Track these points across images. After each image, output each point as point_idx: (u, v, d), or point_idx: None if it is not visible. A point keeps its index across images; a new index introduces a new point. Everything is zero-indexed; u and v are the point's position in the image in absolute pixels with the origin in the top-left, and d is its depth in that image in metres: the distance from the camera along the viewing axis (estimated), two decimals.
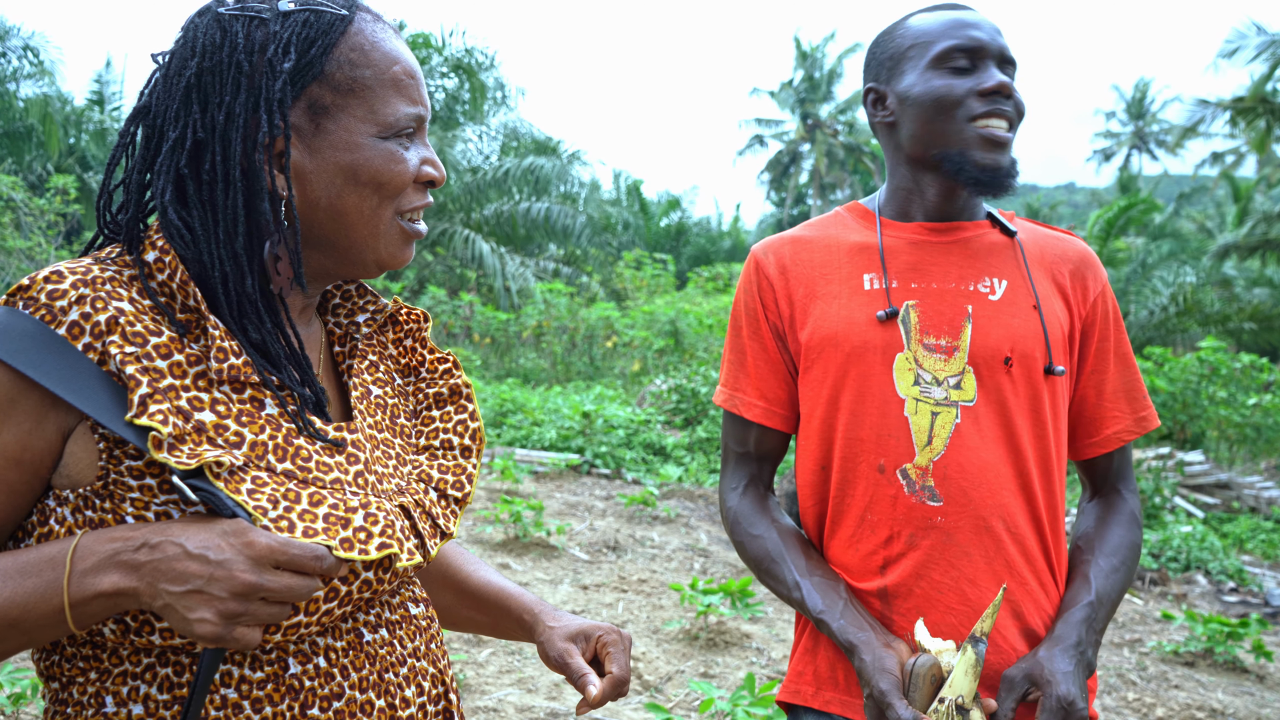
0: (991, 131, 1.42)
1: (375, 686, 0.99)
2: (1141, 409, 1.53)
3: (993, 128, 1.42)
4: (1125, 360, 1.54)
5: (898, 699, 1.24)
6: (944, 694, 1.24)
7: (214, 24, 0.95)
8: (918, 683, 1.26)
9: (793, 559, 1.46)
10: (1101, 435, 1.53)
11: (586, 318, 15.75)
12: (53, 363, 0.85)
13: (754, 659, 4.48)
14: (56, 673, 0.94)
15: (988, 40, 1.43)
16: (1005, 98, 1.42)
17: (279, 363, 0.97)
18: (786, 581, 1.45)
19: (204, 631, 0.81)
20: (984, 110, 1.42)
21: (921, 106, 1.45)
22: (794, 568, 1.45)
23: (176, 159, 0.94)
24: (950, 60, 1.44)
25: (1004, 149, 1.43)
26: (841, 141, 43.68)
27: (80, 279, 0.89)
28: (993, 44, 1.44)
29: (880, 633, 1.36)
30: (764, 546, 1.49)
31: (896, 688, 1.26)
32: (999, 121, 1.42)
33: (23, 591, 0.82)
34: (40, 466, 0.88)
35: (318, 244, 1.00)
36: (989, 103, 1.42)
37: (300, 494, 0.92)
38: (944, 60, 1.44)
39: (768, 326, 1.54)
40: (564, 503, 7.28)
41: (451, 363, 1.21)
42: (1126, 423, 1.52)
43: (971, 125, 1.42)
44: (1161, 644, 5.28)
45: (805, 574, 1.44)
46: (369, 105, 0.97)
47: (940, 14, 1.48)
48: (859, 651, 1.33)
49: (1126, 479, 1.56)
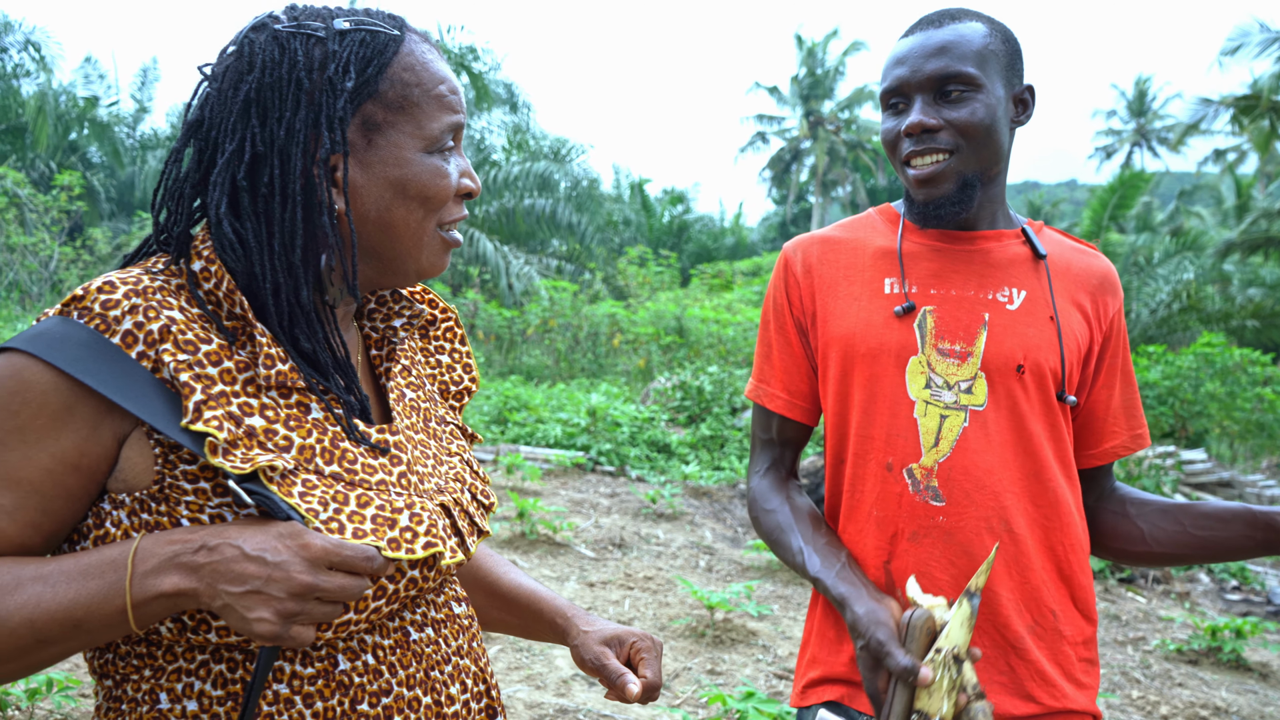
0: (916, 172, 1.46)
1: (422, 684, 1.02)
2: (1138, 426, 1.60)
3: (918, 168, 1.46)
4: (1128, 377, 1.60)
5: (896, 648, 1.27)
6: (940, 644, 1.26)
7: (272, 41, 0.98)
8: (914, 634, 1.28)
9: (800, 528, 1.52)
10: (1100, 449, 1.58)
11: (590, 314, 15.77)
12: (108, 371, 0.88)
13: (760, 656, 4.51)
14: (110, 670, 0.97)
15: (909, 76, 1.45)
16: (929, 133, 1.44)
17: (325, 369, 1.00)
18: (792, 548, 1.50)
19: (263, 630, 0.84)
20: (910, 150, 1.46)
21: (884, 147, 1.53)
22: (800, 535, 1.51)
23: (233, 171, 0.96)
24: (888, 102, 1.50)
25: (934, 183, 1.45)
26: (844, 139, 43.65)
27: (132, 289, 0.92)
28: (915, 78, 1.44)
29: (872, 590, 1.39)
30: (776, 520, 1.55)
31: (893, 638, 1.29)
32: (924, 159, 1.45)
33: (86, 593, 0.85)
34: (96, 471, 0.91)
35: (365, 254, 1.03)
36: (912, 142, 1.45)
37: (348, 496, 0.95)
38: (885, 103, 1.51)
39: (792, 322, 1.59)
40: (569, 500, 7.31)
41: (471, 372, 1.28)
42: (1124, 438, 1.58)
43: (907, 167, 1.48)
44: (1165, 642, 5.31)
45: (809, 540, 1.50)
46: (417, 122, 1.01)
47: (897, 45, 1.51)
48: (851, 604, 1.36)
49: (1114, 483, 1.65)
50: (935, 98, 1.44)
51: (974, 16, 1.49)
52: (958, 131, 1.43)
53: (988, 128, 1.44)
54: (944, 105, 1.44)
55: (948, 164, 1.44)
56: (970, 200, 1.48)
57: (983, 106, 1.43)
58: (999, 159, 1.48)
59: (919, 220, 1.53)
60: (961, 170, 1.45)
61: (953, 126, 1.43)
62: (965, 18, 1.48)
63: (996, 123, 1.45)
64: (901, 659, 1.25)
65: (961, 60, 1.43)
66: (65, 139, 21.17)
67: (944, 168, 1.44)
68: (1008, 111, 1.48)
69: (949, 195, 1.46)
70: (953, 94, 1.43)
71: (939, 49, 1.44)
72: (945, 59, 1.43)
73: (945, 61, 1.43)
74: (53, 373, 0.87)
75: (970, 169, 1.46)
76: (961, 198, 1.47)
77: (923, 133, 1.44)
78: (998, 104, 1.45)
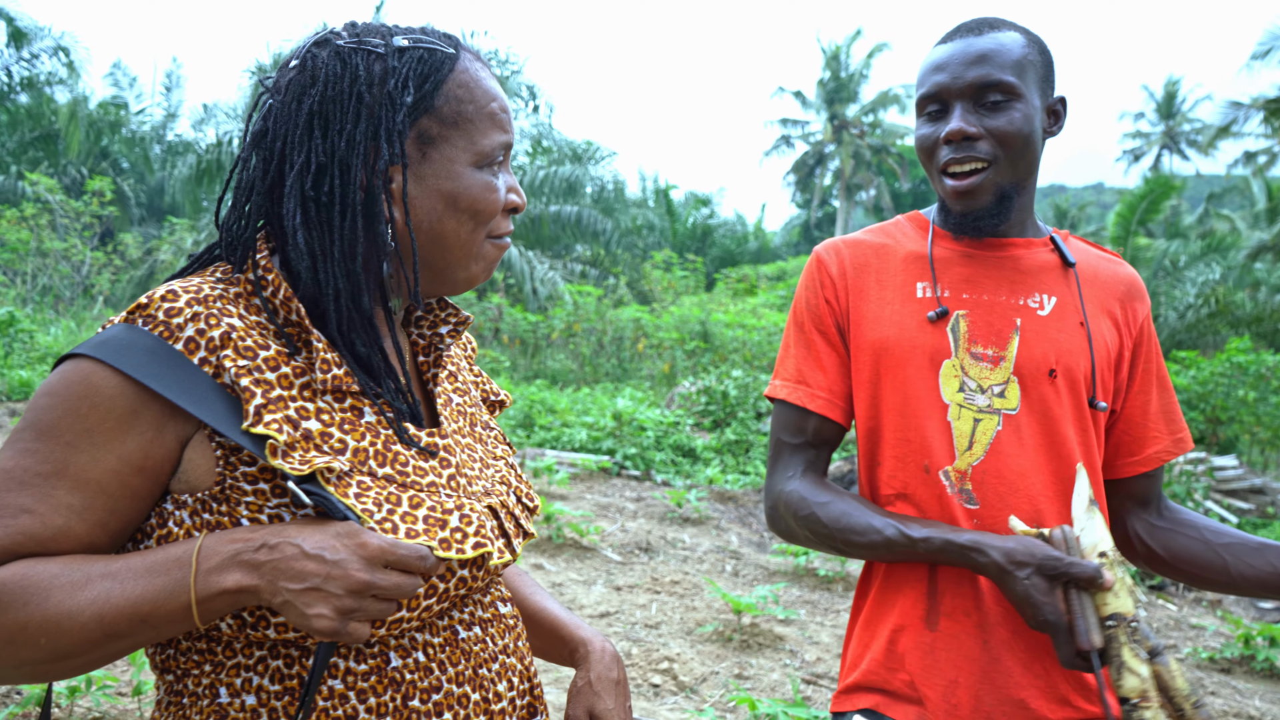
0: (953, 184, 1.47)
1: (470, 681, 1.04)
2: (1179, 430, 1.60)
3: (955, 177, 1.46)
4: (1164, 383, 1.61)
5: (1075, 558, 1.28)
6: (1101, 549, 1.28)
7: (334, 56, 1.01)
8: (1074, 547, 1.30)
9: (871, 509, 1.48)
10: (1143, 454, 1.59)
11: (615, 319, 15.80)
12: (172, 376, 0.91)
13: (788, 660, 4.51)
14: (172, 665, 1.00)
15: (949, 82, 1.45)
16: (968, 141, 1.44)
17: (378, 374, 1.04)
18: (874, 525, 1.44)
19: (321, 626, 0.87)
20: (948, 158, 1.46)
21: (917, 153, 1.53)
22: (876, 514, 1.46)
23: (303, 183, 1.00)
24: (925, 109, 1.50)
25: (973, 196, 1.46)
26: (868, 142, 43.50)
27: (194, 297, 0.95)
28: (955, 85, 1.45)
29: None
30: (839, 507, 1.49)
31: (1063, 554, 1.29)
32: (962, 168, 1.45)
33: (153, 589, 0.88)
34: (160, 473, 0.94)
35: (418, 264, 1.06)
36: (951, 149, 1.45)
37: (401, 497, 0.98)
38: (921, 109, 1.51)
39: (831, 320, 1.59)
40: (595, 504, 7.34)
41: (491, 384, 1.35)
42: (1165, 443, 1.59)
43: (943, 176, 1.48)
44: (1197, 650, 5.27)
45: (890, 515, 1.46)
46: (470, 137, 1.04)
47: (934, 51, 1.51)
48: (992, 542, 1.34)
49: (1161, 495, 1.64)
50: (974, 105, 1.45)
51: (1011, 26, 1.49)
52: (996, 141, 1.44)
53: (1025, 137, 1.44)
54: (983, 113, 1.44)
55: (985, 176, 1.45)
56: (1008, 212, 1.49)
57: (1021, 115, 1.44)
58: (1033, 169, 1.50)
59: (954, 230, 1.54)
60: (999, 181, 1.46)
61: (992, 135, 1.44)
62: (1003, 27, 1.49)
63: (1033, 133, 1.45)
64: (1088, 564, 1.26)
65: (1002, 69, 1.43)
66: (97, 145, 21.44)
67: (982, 180, 1.45)
68: (1042, 122, 1.49)
69: (987, 207, 1.47)
70: (992, 102, 1.44)
71: (980, 57, 1.44)
72: (986, 67, 1.44)
73: (986, 69, 1.44)
74: (119, 378, 0.91)
75: (1007, 180, 1.46)
76: (999, 209, 1.48)
77: (963, 140, 1.44)
78: (1035, 114, 1.46)
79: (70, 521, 0.91)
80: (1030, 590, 1.29)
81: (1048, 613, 1.28)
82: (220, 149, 18.29)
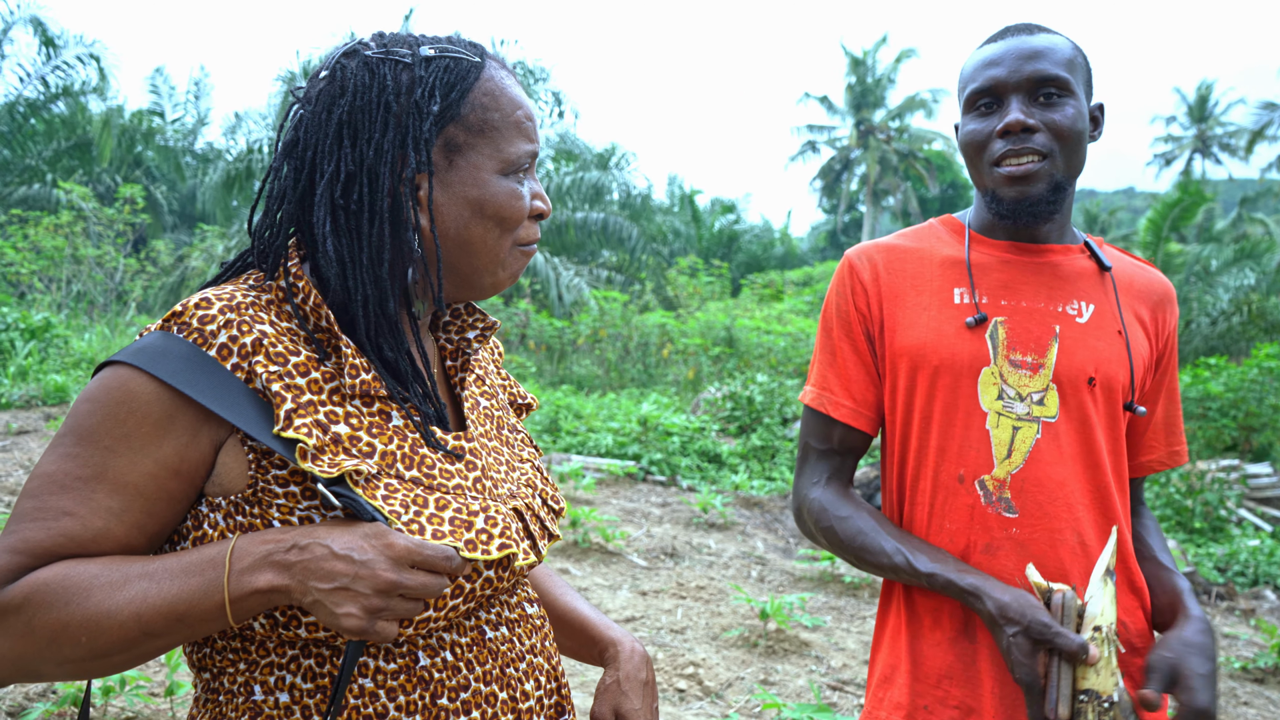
0: (1010, 169, 1.46)
1: (498, 680, 1.06)
2: (1176, 443, 1.61)
3: (1012, 165, 1.46)
4: (1172, 394, 1.61)
5: (1061, 628, 1.27)
6: (1099, 623, 1.27)
7: (363, 67, 1.04)
8: (1070, 614, 1.29)
9: (888, 530, 1.49)
10: (1136, 461, 1.60)
11: (640, 325, 15.83)
12: (206, 381, 0.94)
13: (813, 667, 4.50)
14: (208, 664, 1.03)
15: (1005, 76, 1.46)
16: (1026, 133, 1.44)
17: (405, 378, 1.06)
18: (886, 550, 1.46)
19: (349, 625, 0.89)
20: (1004, 150, 1.46)
21: (963, 150, 1.53)
22: (891, 536, 1.48)
23: (333, 191, 1.02)
24: (976, 104, 1.50)
25: (1028, 182, 1.45)
26: (895, 148, 43.31)
27: (227, 305, 0.98)
28: (1012, 78, 1.45)
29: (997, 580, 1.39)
30: (856, 524, 1.51)
31: (1054, 619, 1.29)
32: (1019, 159, 1.45)
33: (188, 589, 0.90)
34: (195, 476, 0.97)
35: (445, 270, 1.08)
36: (1008, 142, 1.45)
37: (427, 499, 1.00)
38: (971, 105, 1.51)
39: (860, 328, 1.58)
40: (620, 509, 7.35)
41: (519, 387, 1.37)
42: (1161, 454, 1.60)
43: (995, 168, 1.48)
44: (1230, 660, 5.20)
45: (903, 541, 1.47)
46: (495, 145, 1.06)
47: (984, 50, 1.52)
48: (991, 592, 1.35)
49: (1142, 499, 1.66)
50: (1030, 99, 1.45)
51: (1056, 31, 1.51)
52: (1053, 134, 1.44)
53: (1080, 133, 1.46)
54: (1039, 107, 1.45)
55: (1042, 165, 1.45)
56: (1060, 204, 1.49)
57: (1075, 111, 1.45)
58: (1079, 169, 1.50)
59: (996, 224, 1.53)
60: (1053, 172, 1.46)
61: (1049, 129, 1.44)
62: (1051, 30, 1.51)
63: (1084, 131, 1.47)
64: (1074, 637, 1.26)
65: (1057, 65, 1.45)
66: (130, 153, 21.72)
67: (1039, 168, 1.45)
68: (1087, 125, 1.49)
69: (1042, 195, 1.46)
70: (1048, 96, 1.45)
71: (1035, 53, 1.46)
72: (1044, 62, 1.45)
73: (1044, 64, 1.45)
74: (155, 384, 0.93)
75: (1061, 172, 1.47)
76: (1052, 198, 1.47)
77: (1022, 131, 1.44)
78: (1085, 113, 1.47)
79: (109, 524, 0.93)
80: (1013, 648, 1.30)
81: (1024, 674, 1.29)
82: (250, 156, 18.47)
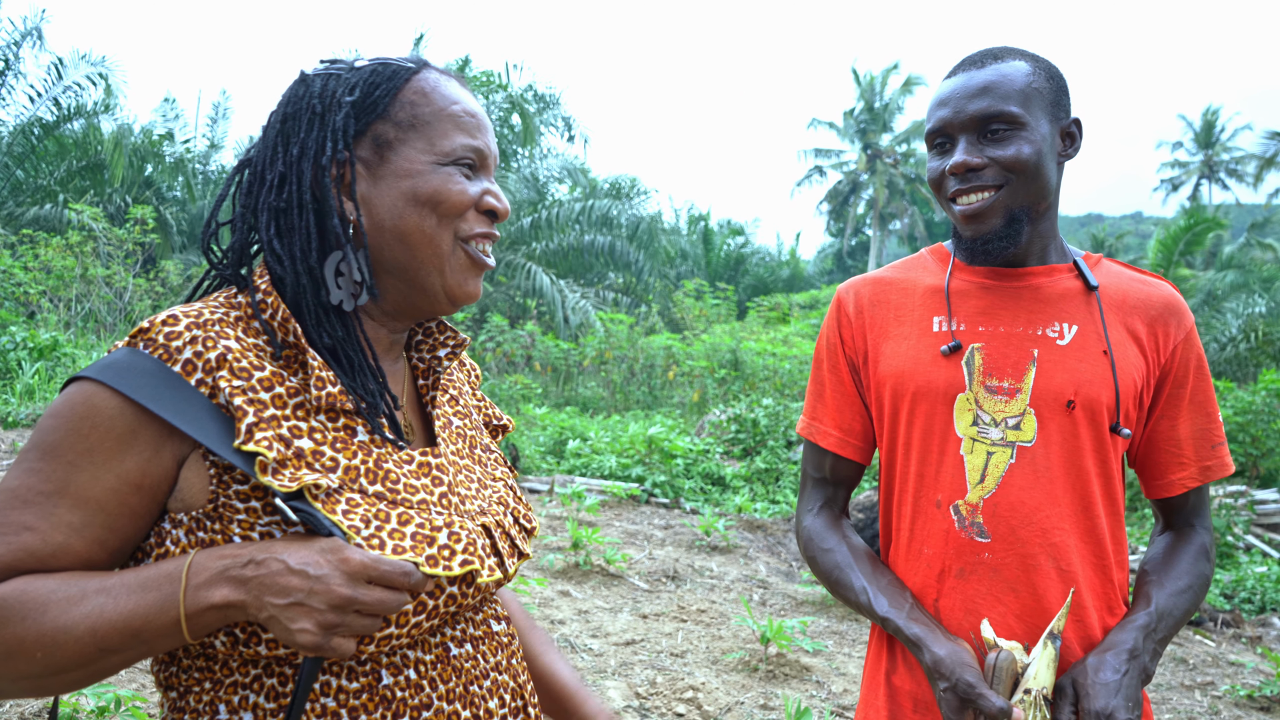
0: (962, 208, 1.48)
1: (461, 698, 1.05)
2: (1208, 458, 1.54)
3: (964, 204, 1.47)
4: (1201, 408, 1.54)
5: (987, 689, 1.28)
6: (1029, 685, 1.27)
7: (300, 82, 1.10)
8: (1001, 676, 1.29)
9: (861, 568, 1.53)
10: (1165, 480, 1.55)
11: (646, 347, 15.83)
12: (169, 397, 0.94)
13: (814, 691, 4.46)
14: (175, 683, 1.02)
15: (951, 117, 1.46)
16: (972, 171, 1.45)
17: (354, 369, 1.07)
18: (854, 587, 1.51)
19: (305, 640, 0.88)
20: (955, 188, 1.47)
21: (930, 186, 1.54)
22: (861, 574, 1.52)
23: (270, 195, 1.06)
24: (933, 143, 1.52)
25: (980, 219, 1.46)
26: (902, 172, 43.43)
27: (193, 321, 0.98)
28: (958, 119, 1.46)
29: (945, 631, 1.40)
30: (834, 559, 1.56)
31: (982, 679, 1.29)
32: (971, 196, 1.46)
33: (144, 604, 0.90)
34: (158, 491, 0.96)
35: (389, 269, 1.09)
36: (957, 180, 1.47)
37: (390, 514, 0.99)
38: (930, 143, 1.53)
39: (845, 362, 1.62)
40: (623, 531, 7.32)
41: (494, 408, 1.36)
42: (1191, 470, 1.53)
43: (953, 204, 1.50)
44: (1235, 687, 5.14)
45: (871, 580, 1.50)
46: (428, 137, 1.08)
47: (941, 86, 1.52)
48: (930, 645, 1.37)
49: (1201, 515, 1.57)
50: (979, 137, 1.45)
51: (1017, 55, 1.49)
52: (1003, 168, 1.44)
53: (1034, 164, 1.44)
54: (988, 144, 1.45)
55: (995, 198, 1.45)
56: (1018, 235, 1.48)
57: (1027, 144, 1.43)
58: (1046, 194, 1.48)
59: (967, 257, 1.54)
60: (1009, 205, 1.45)
61: (997, 164, 1.44)
62: (1008, 56, 1.48)
63: (1043, 159, 1.45)
64: (996, 700, 1.26)
65: (1004, 100, 1.44)
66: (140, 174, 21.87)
67: (991, 202, 1.45)
68: (1054, 147, 1.48)
69: (996, 230, 1.47)
70: (996, 133, 1.44)
71: (981, 89, 1.45)
72: (988, 99, 1.44)
73: (988, 102, 1.44)
74: (119, 399, 0.93)
75: (1018, 203, 1.46)
76: (1009, 232, 1.47)
77: (967, 171, 1.45)
78: (1043, 141, 1.45)
79: (70, 539, 0.93)
80: (942, 702, 1.34)
81: None
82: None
